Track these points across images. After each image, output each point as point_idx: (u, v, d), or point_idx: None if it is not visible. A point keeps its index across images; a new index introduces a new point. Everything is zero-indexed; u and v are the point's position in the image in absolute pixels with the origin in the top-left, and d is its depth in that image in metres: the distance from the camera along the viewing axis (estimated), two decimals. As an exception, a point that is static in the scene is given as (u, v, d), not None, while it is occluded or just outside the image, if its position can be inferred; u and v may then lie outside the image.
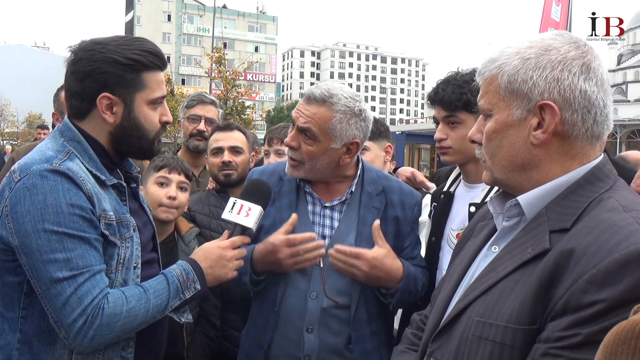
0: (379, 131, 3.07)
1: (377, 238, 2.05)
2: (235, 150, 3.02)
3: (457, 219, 2.23)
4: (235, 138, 3.05)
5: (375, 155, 3.02)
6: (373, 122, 3.06)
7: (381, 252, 2.03)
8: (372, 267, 2.00)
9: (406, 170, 3.13)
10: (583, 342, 1.01)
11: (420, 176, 3.07)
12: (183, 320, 1.91)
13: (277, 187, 2.18)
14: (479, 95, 1.34)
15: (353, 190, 2.17)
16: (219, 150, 3.02)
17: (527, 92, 1.22)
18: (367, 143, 2.97)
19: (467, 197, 2.25)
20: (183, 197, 2.57)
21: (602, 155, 1.27)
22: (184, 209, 2.63)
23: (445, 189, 2.41)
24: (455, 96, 2.19)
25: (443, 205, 2.35)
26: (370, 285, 2.07)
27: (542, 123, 1.22)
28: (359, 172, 2.21)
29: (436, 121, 2.34)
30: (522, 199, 1.26)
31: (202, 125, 3.49)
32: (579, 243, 1.09)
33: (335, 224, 2.15)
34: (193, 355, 2.60)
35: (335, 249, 2.00)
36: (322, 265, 2.07)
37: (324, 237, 2.13)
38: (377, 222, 2.08)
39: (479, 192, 2.19)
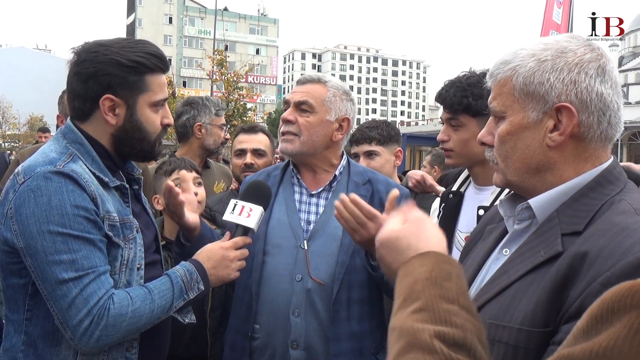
0: (390, 135, 3.05)
1: (389, 209, 1.89)
2: (257, 152, 3.12)
3: (465, 221, 2.22)
4: (259, 141, 3.15)
5: (385, 160, 3.01)
6: (384, 125, 3.09)
7: None
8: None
9: (416, 174, 3.11)
10: None
11: (430, 179, 3.05)
12: (187, 321, 1.91)
13: (265, 181, 2.28)
14: (490, 97, 1.33)
15: (337, 174, 2.25)
16: (242, 152, 3.12)
17: (543, 94, 1.22)
18: (378, 148, 2.98)
19: (476, 199, 2.24)
20: (201, 191, 2.68)
21: (612, 157, 1.27)
22: (204, 202, 2.72)
23: (454, 188, 2.41)
24: (457, 99, 2.21)
25: (452, 206, 2.34)
26: (362, 247, 1.96)
27: (559, 125, 1.21)
28: (342, 162, 2.29)
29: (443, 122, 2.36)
30: (533, 202, 1.25)
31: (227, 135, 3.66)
32: (592, 246, 1.08)
33: (320, 209, 2.22)
34: (216, 355, 2.61)
35: (353, 199, 1.81)
36: (306, 247, 2.12)
37: (309, 222, 2.19)
38: (395, 191, 1.92)
39: (488, 194, 2.18)
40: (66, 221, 1.59)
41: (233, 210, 1.96)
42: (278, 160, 3.45)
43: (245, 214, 1.95)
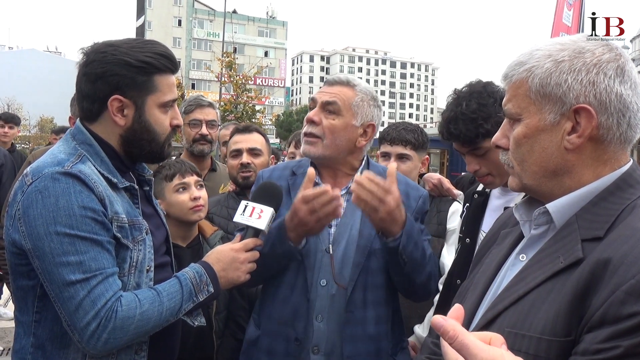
0: (423, 142, 2.99)
1: (392, 184, 1.94)
2: (253, 152, 3.06)
3: (490, 221, 2.18)
4: (254, 140, 3.09)
5: (414, 166, 2.96)
6: (419, 130, 3.04)
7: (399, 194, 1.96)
8: (397, 205, 1.91)
9: (433, 177, 3.05)
10: (623, 354, 0.97)
11: (447, 183, 3.00)
12: (196, 323, 1.90)
13: (291, 180, 2.22)
14: (504, 99, 1.30)
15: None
16: (237, 152, 3.06)
17: (560, 96, 1.18)
18: (411, 152, 2.94)
19: (501, 200, 2.20)
20: (204, 194, 2.63)
21: (632, 160, 1.23)
22: (207, 205, 2.67)
23: (479, 188, 2.36)
24: (473, 132, 2.13)
25: (477, 206, 2.29)
26: (377, 225, 1.98)
27: (577, 127, 1.18)
28: (362, 165, 2.24)
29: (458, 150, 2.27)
30: (551, 206, 1.22)
31: (204, 129, 3.48)
32: (615, 253, 1.05)
33: (341, 211, 2.15)
34: (222, 358, 2.58)
35: (368, 177, 1.89)
36: (331, 252, 2.08)
37: (330, 225, 2.14)
38: (393, 165, 2.13)
39: (515, 195, 2.12)
40: (74, 222, 1.57)
41: (244, 211, 1.93)
42: (275, 161, 3.38)
43: (256, 215, 1.92)
